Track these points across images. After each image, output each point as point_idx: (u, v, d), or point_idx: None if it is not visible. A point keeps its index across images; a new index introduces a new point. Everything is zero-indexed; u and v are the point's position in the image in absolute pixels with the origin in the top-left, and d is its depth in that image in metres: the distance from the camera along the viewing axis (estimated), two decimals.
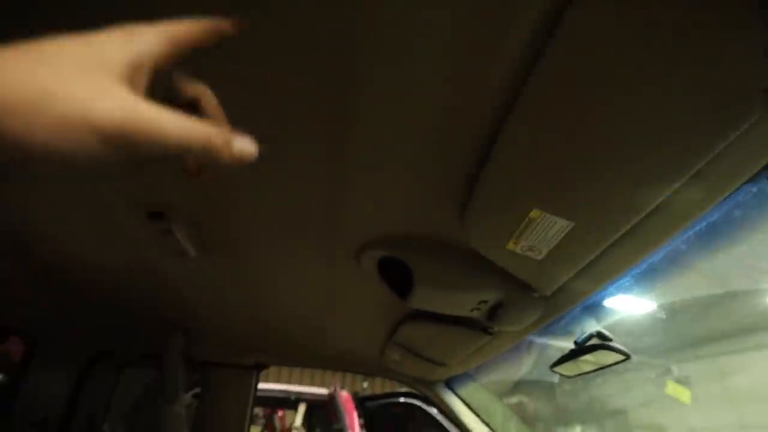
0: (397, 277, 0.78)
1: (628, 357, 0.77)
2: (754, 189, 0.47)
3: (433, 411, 1.68)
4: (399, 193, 0.60)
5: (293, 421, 3.62)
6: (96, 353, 1.31)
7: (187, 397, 1.23)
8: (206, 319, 1.14)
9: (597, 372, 0.91)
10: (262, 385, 1.52)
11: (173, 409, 1.15)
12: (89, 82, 0.20)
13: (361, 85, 0.43)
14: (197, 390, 1.37)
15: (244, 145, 0.26)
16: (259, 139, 0.53)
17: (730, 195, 0.47)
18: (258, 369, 1.44)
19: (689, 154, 0.40)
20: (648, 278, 0.83)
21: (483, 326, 0.93)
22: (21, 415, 1.13)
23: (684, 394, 3.45)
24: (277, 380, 4.13)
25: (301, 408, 3.63)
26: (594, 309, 0.85)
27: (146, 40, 0.24)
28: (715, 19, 0.31)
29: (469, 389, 1.43)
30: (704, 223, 0.53)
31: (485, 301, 0.78)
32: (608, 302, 0.87)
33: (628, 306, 0.94)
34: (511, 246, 0.59)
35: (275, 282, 0.91)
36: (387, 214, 0.65)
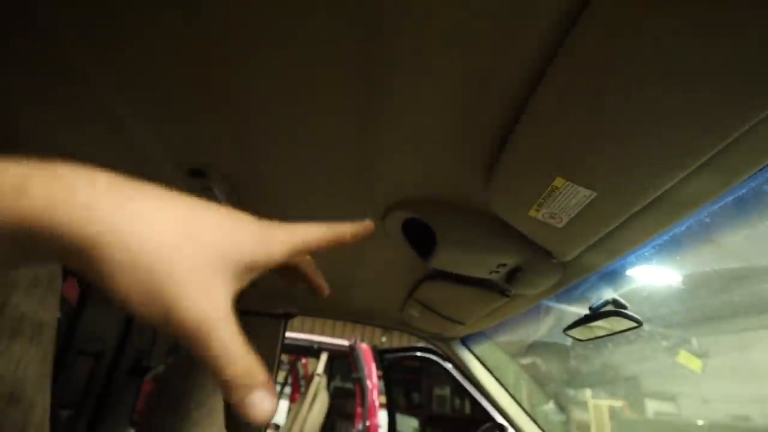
0: (420, 238, 0.81)
1: (640, 324, 0.80)
2: None
3: (448, 366, 1.76)
4: (427, 156, 0.62)
5: (315, 368, 3.86)
6: None
7: None
8: None
9: (611, 338, 0.94)
10: (288, 334, 1.63)
11: None
12: (198, 274, 0.21)
13: (393, 41, 0.43)
14: None
15: (262, 402, 0.22)
16: (293, 98, 0.55)
17: (759, 171, 0.47)
18: (286, 318, 1.54)
19: (717, 129, 0.40)
20: (669, 249, 0.83)
21: (501, 288, 0.96)
22: (78, 349, 1.28)
23: (695, 364, 3.46)
24: (302, 331, 4.37)
25: (323, 357, 3.86)
26: (611, 276, 0.87)
27: (276, 248, 0.26)
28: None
29: (483, 347, 1.50)
30: (731, 197, 0.53)
31: (504, 265, 0.81)
32: (627, 271, 0.88)
33: (646, 276, 0.96)
34: (533, 213, 0.61)
35: None
36: (414, 176, 0.68)
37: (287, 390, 4.89)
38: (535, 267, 0.79)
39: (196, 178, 0.73)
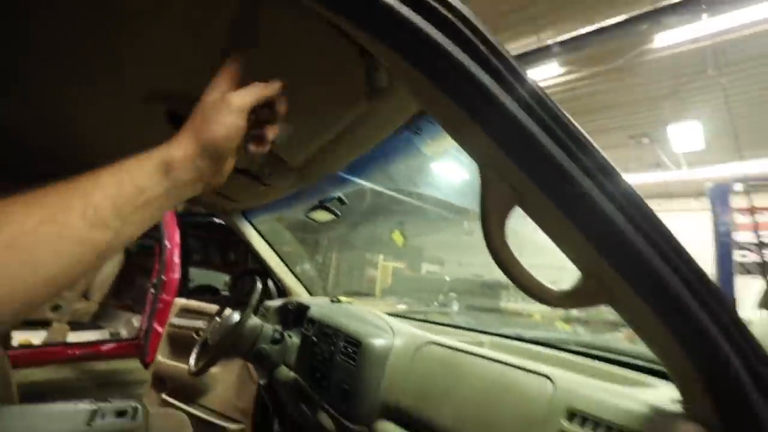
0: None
1: (337, 217, 1.07)
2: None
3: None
4: None
5: None
6: None
7: None
8: None
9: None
10: None
11: None
12: None
13: None
14: None
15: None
16: None
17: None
18: None
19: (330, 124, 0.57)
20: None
21: (257, 177, 1.10)
22: None
23: (399, 239, 4.85)
24: None
25: None
26: (338, 180, 1.09)
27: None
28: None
29: (263, 219, 1.68)
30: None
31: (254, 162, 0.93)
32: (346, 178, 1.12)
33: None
34: None
35: None
36: None
37: None
38: (273, 168, 0.94)
39: None
